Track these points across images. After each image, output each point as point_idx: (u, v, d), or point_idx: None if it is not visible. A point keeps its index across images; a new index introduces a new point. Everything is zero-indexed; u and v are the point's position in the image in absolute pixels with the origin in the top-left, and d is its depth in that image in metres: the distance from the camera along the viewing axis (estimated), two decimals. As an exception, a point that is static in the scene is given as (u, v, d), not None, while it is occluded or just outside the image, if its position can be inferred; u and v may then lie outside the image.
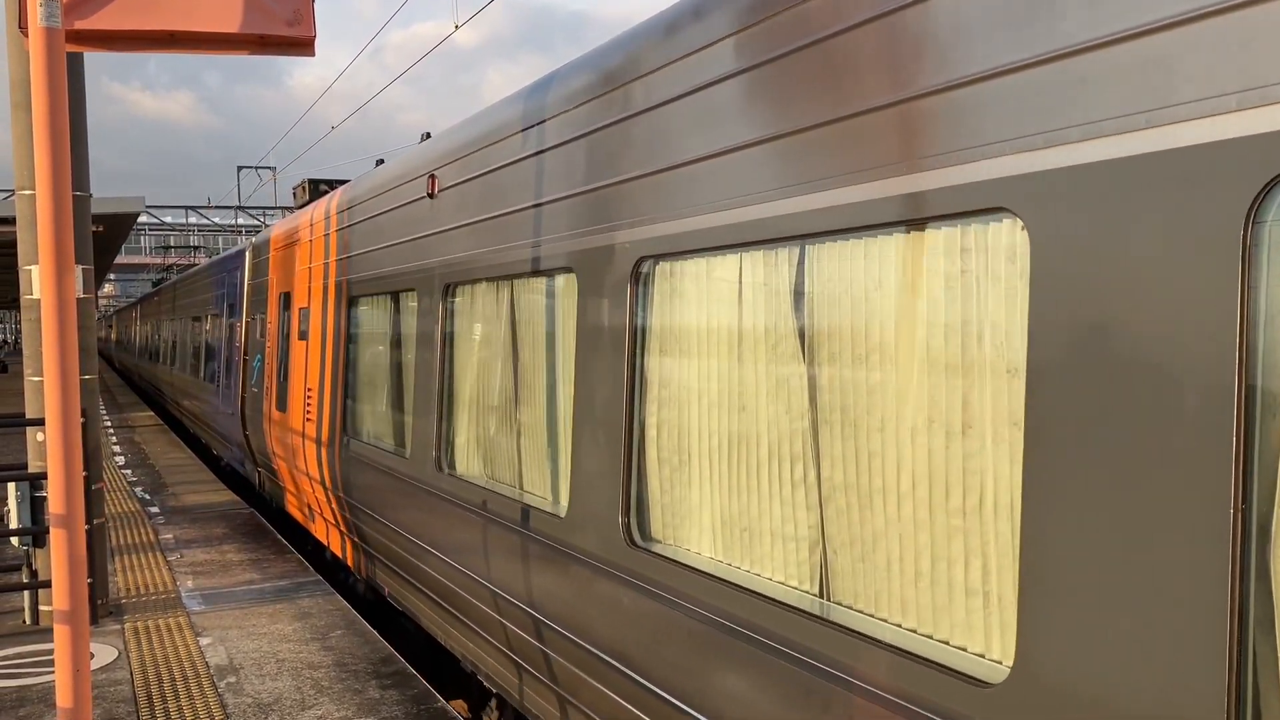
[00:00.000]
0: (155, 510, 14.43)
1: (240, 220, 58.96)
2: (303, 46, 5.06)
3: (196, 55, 5.06)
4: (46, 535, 8.22)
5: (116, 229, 19.10)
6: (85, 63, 8.74)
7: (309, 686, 7.23)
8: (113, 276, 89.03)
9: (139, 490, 16.21)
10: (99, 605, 8.83)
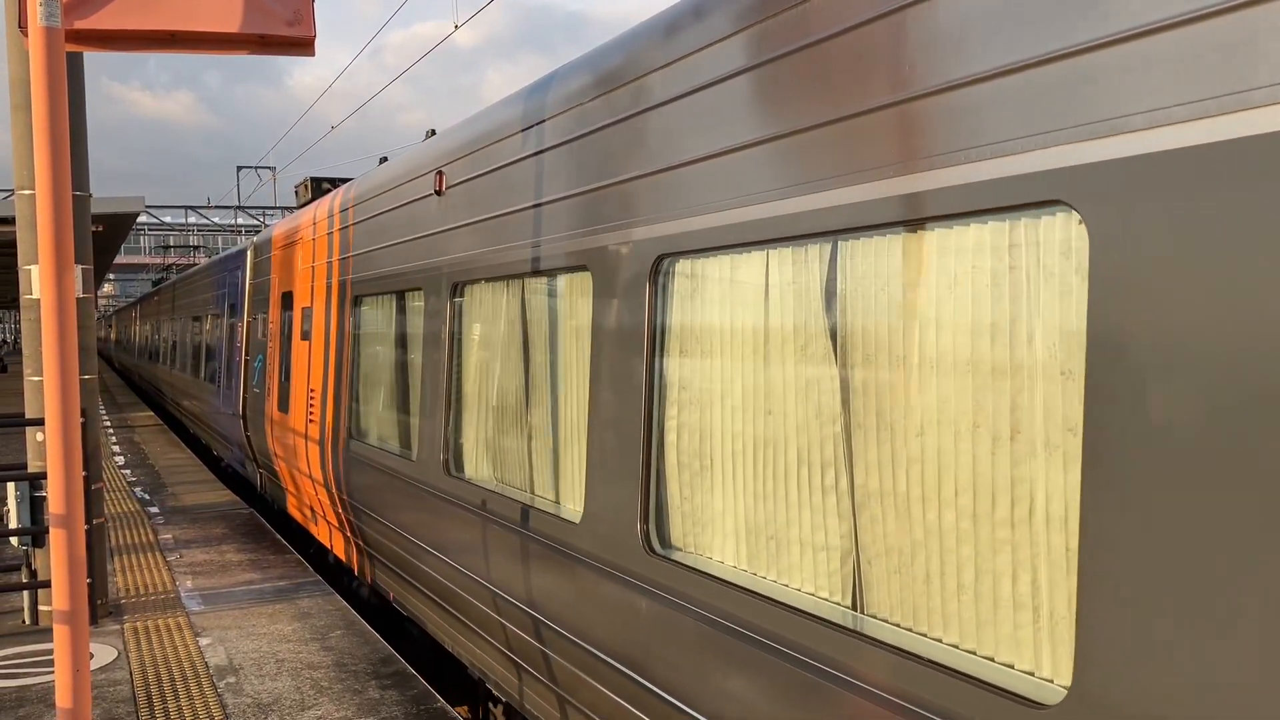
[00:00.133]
0: (155, 510, 14.34)
1: (240, 220, 58.91)
2: (303, 46, 5.05)
3: (196, 55, 5.03)
4: (46, 535, 8.20)
5: (116, 229, 19.03)
6: (85, 62, 8.74)
7: (308, 686, 7.18)
8: (112, 276, 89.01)
9: (138, 490, 16.11)
10: (98, 605, 8.81)
